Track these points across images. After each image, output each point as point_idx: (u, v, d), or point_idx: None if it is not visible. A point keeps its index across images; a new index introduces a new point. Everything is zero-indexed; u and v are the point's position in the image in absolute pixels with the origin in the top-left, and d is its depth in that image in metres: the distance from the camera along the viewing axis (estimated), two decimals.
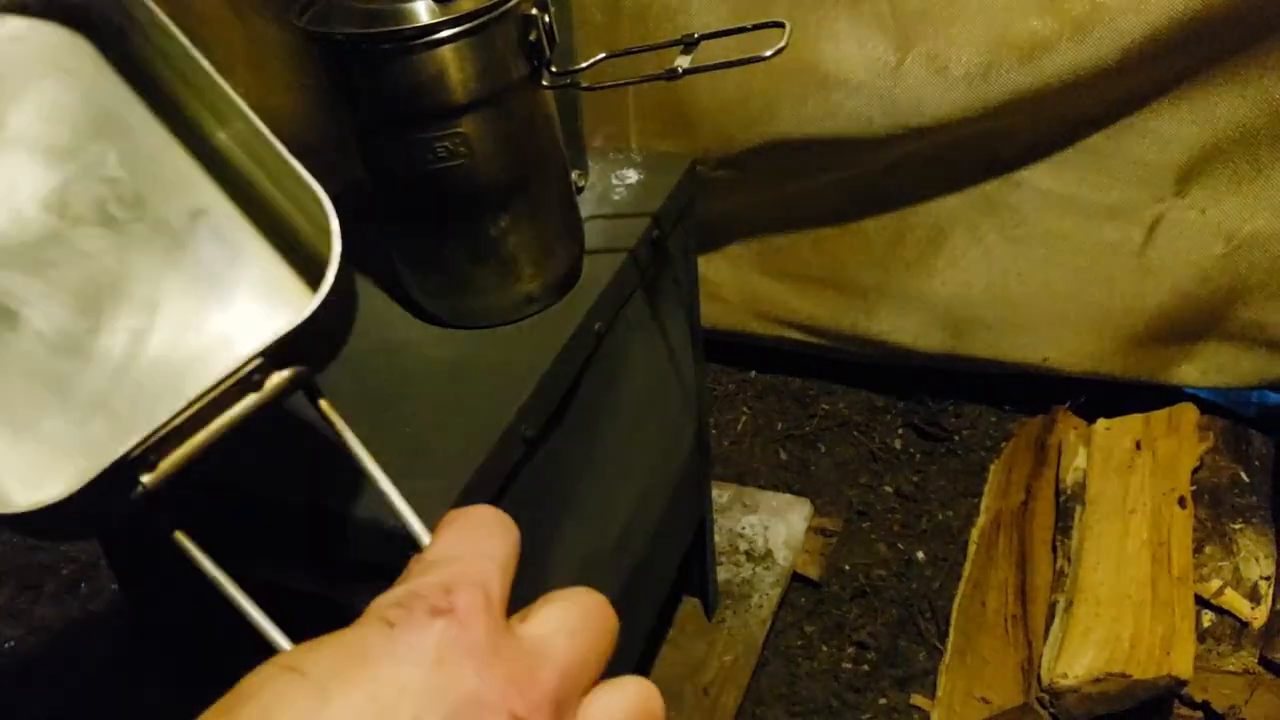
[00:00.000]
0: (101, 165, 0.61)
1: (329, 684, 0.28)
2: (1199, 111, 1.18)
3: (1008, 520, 1.30)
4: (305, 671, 0.29)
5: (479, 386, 0.83)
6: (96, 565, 1.41)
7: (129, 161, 0.62)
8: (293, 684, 0.28)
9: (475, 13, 0.76)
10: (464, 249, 0.88)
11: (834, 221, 1.39)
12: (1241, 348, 1.29)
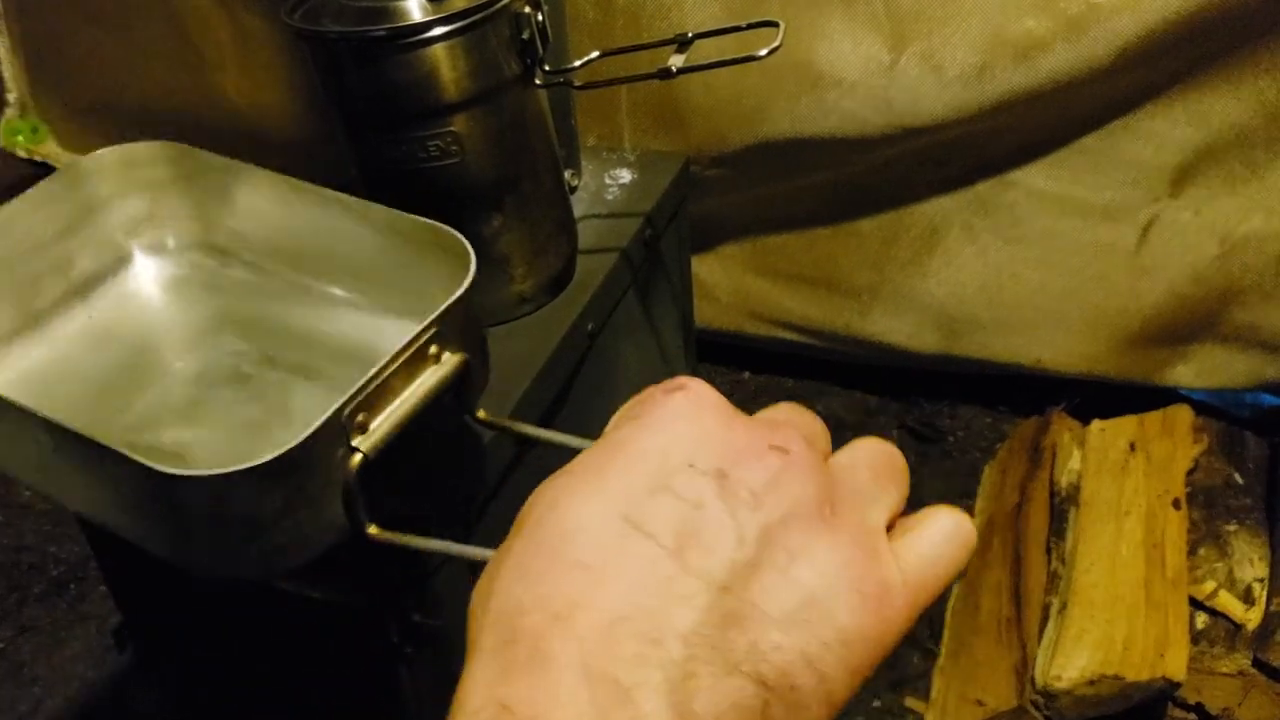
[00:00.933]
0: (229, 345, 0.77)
1: (604, 466, 0.31)
2: (1193, 113, 1.18)
3: (1002, 522, 1.30)
4: (574, 471, 0.31)
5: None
6: (85, 566, 1.40)
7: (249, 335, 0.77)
8: (568, 481, 0.31)
9: (467, 11, 0.76)
10: None
11: (828, 221, 1.38)
12: (1236, 349, 1.29)
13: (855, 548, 0.31)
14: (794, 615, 0.29)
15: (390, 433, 0.56)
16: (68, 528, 1.45)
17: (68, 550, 1.44)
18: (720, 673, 0.27)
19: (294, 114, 1.52)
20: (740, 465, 0.31)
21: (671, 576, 0.28)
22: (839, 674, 0.29)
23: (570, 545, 0.29)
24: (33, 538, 1.46)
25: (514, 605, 0.29)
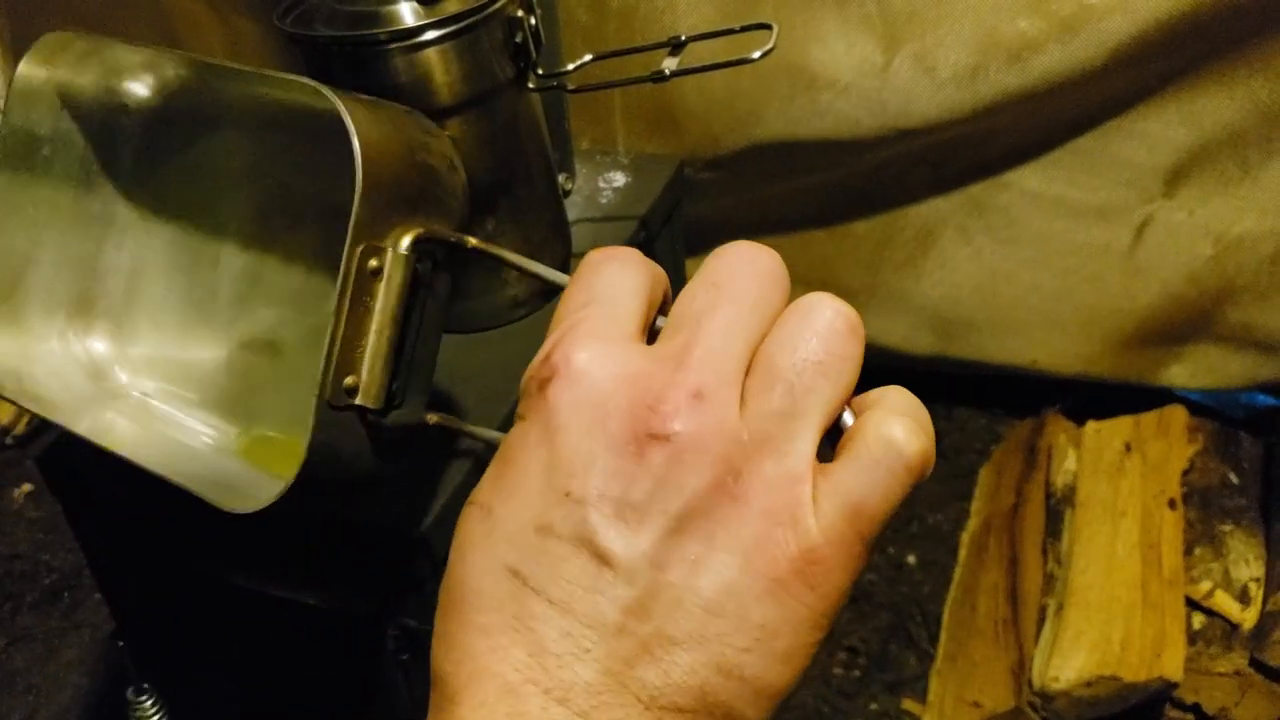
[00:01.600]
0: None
1: (492, 501, 0.30)
2: (1186, 113, 1.18)
3: (998, 524, 1.30)
4: (475, 500, 0.31)
5: (465, 392, 0.82)
6: (78, 574, 1.40)
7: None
8: (470, 515, 0.31)
9: (460, 15, 0.75)
10: None
11: (822, 223, 1.38)
12: (1230, 349, 1.29)
13: (763, 518, 0.28)
14: (701, 631, 0.27)
15: (385, 370, 0.53)
16: (60, 536, 1.44)
17: (61, 558, 1.43)
18: (634, 714, 0.27)
19: None
20: (619, 477, 0.28)
21: (566, 632, 0.28)
22: (767, 668, 0.28)
23: (470, 608, 0.29)
24: (25, 546, 1.45)
25: (439, 670, 0.30)
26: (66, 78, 0.73)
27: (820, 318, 0.30)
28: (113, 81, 0.73)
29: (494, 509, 0.30)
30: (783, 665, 0.28)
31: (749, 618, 0.28)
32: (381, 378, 0.53)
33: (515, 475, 0.30)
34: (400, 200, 0.53)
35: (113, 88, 0.73)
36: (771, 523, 0.28)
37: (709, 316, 0.30)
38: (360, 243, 0.51)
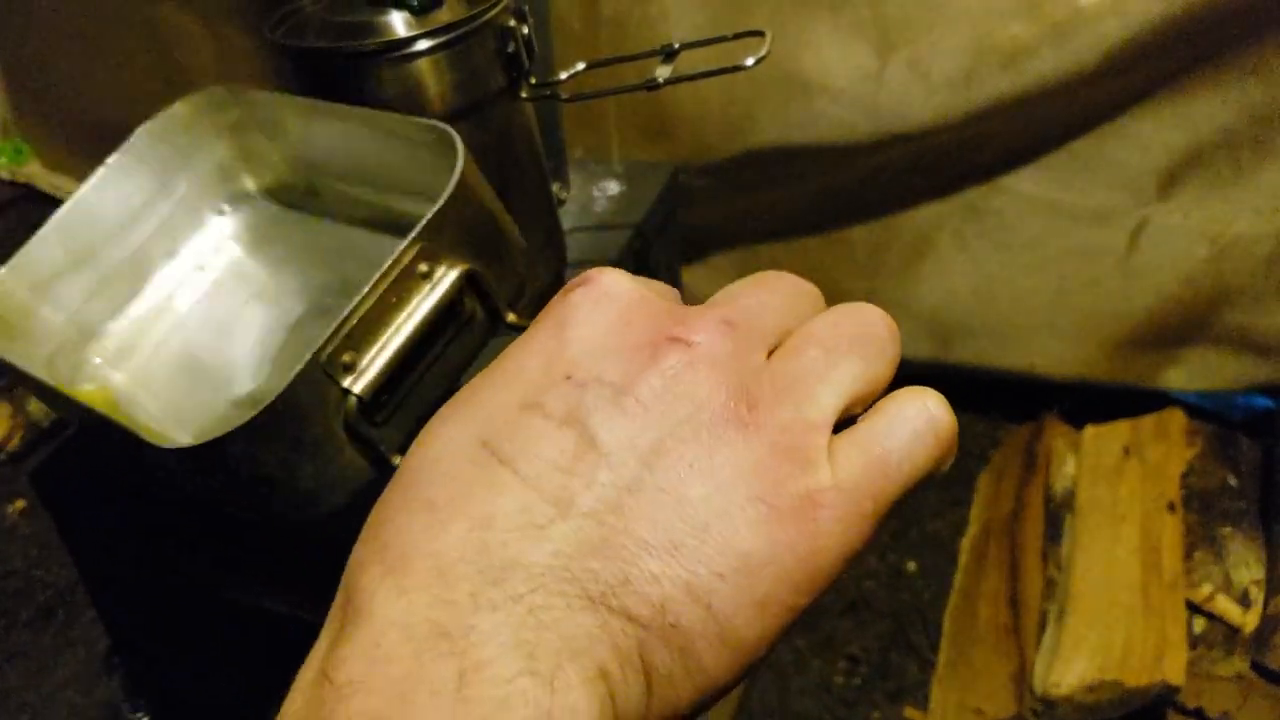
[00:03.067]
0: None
1: (477, 384, 0.28)
2: (1180, 116, 1.18)
3: (998, 529, 1.29)
4: (458, 394, 0.28)
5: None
6: (73, 591, 1.39)
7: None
8: (447, 405, 0.28)
9: (452, 25, 0.75)
10: None
11: (817, 230, 1.38)
12: (1227, 351, 1.29)
13: (771, 451, 0.26)
14: (678, 540, 0.24)
15: (386, 369, 0.52)
16: (55, 552, 1.43)
17: (55, 575, 1.42)
18: (578, 606, 0.24)
19: None
20: (630, 370, 0.26)
21: (526, 507, 0.25)
22: (738, 608, 0.24)
23: (422, 482, 0.26)
24: (19, 562, 1.44)
25: (357, 561, 0.26)
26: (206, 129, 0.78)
27: (863, 311, 0.29)
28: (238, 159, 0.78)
29: (478, 390, 0.28)
30: (754, 612, 0.25)
31: (732, 543, 0.25)
32: (379, 373, 0.52)
33: (510, 366, 0.28)
34: (471, 237, 0.55)
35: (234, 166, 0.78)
36: (779, 457, 0.26)
37: (744, 294, 0.30)
38: (423, 241, 0.52)
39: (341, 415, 0.52)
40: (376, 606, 0.24)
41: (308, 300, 0.75)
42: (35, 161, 1.87)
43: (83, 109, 1.72)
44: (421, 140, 0.63)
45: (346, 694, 0.23)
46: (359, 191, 0.74)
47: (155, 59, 1.55)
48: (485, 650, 0.23)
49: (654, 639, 0.24)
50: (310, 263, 0.76)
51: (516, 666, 0.23)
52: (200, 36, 1.49)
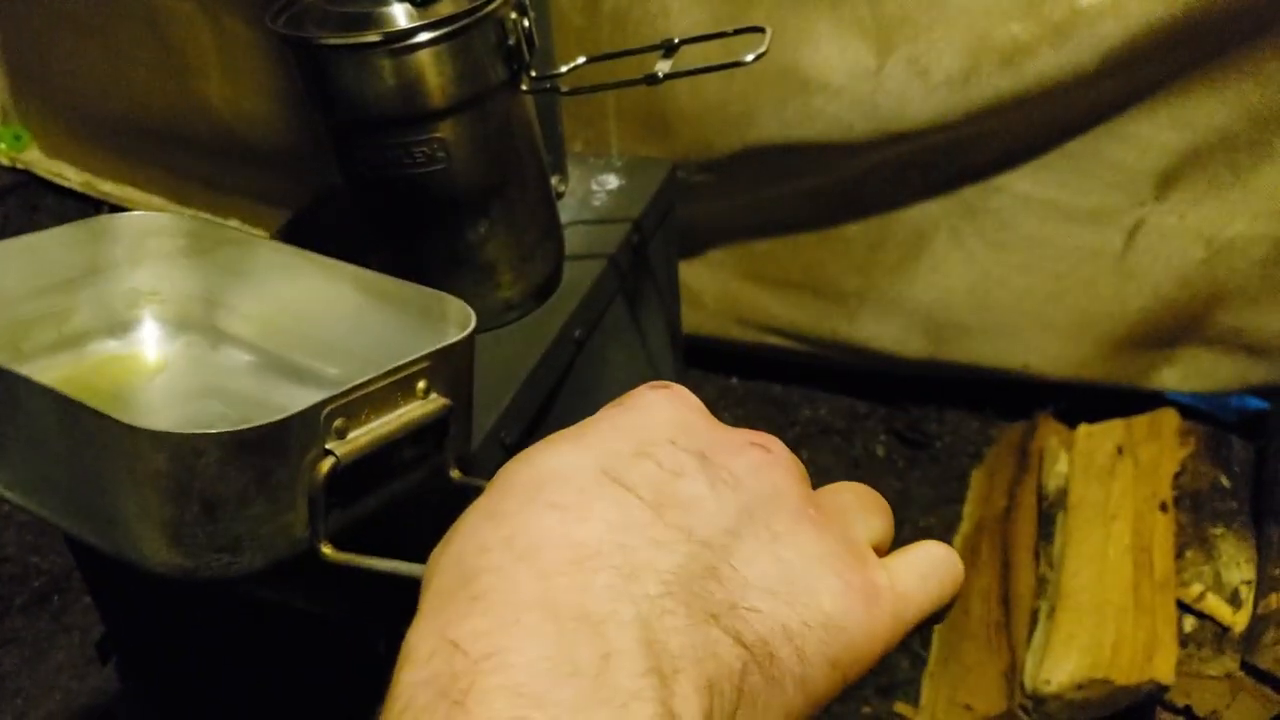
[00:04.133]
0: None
1: (579, 434, 0.29)
2: (1177, 117, 1.18)
3: (990, 527, 1.30)
4: (550, 437, 0.30)
5: None
6: (68, 577, 1.39)
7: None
8: (543, 443, 0.30)
9: (453, 17, 0.75)
10: (442, 255, 0.87)
11: (815, 227, 1.38)
12: (1221, 353, 1.29)
13: (841, 545, 0.29)
14: (775, 586, 0.27)
15: (366, 446, 0.55)
16: (50, 538, 1.44)
17: (50, 561, 1.42)
18: (698, 619, 0.25)
19: (278, 120, 1.52)
20: (722, 452, 0.29)
21: (648, 523, 0.27)
22: (818, 661, 0.27)
23: (544, 489, 0.27)
24: (14, 549, 1.45)
25: (475, 545, 0.27)
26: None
27: (869, 490, 0.34)
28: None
29: (584, 434, 0.29)
30: (826, 669, 0.27)
31: (818, 602, 0.28)
32: (359, 448, 0.55)
33: (605, 424, 0.30)
34: (456, 389, 0.62)
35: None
36: (850, 551, 0.30)
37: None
38: (429, 363, 0.59)
39: (309, 477, 0.54)
40: (513, 587, 0.25)
41: (172, 419, 0.76)
42: (34, 148, 1.87)
43: (82, 96, 1.72)
44: (424, 308, 0.69)
45: (486, 667, 0.24)
46: (275, 348, 0.77)
47: (155, 48, 1.55)
48: (621, 642, 0.24)
49: (754, 665, 0.26)
50: (206, 392, 0.78)
51: (646, 663, 0.24)
52: (200, 25, 1.49)
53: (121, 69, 1.61)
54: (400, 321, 0.70)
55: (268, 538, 0.55)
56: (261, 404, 0.76)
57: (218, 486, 0.52)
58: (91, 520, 0.58)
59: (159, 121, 1.64)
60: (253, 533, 0.55)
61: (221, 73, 1.52)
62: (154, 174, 1.76)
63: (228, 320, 0.80)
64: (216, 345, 0.80)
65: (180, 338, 0.80)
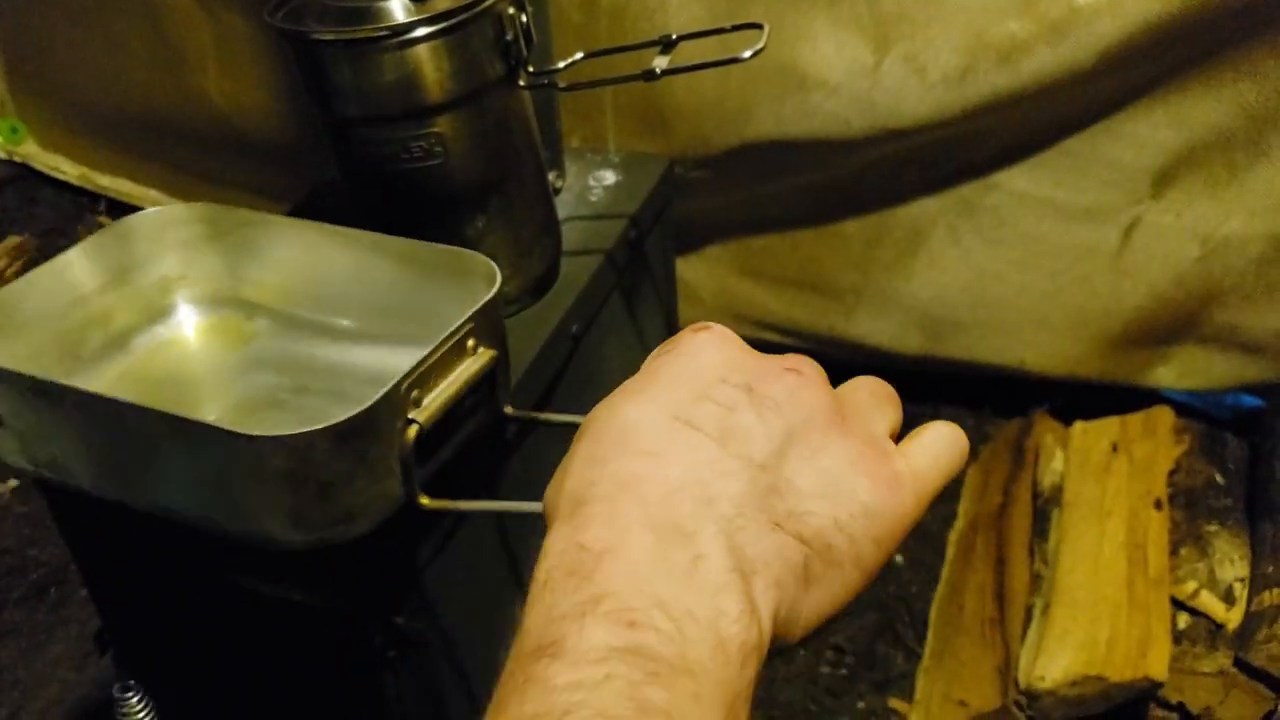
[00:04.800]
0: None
1: (641, 383, 0.37)
2: (1174, 115, 1.18)
3: (985, 523, 1.30)
4: (624, 389, 0.37)
5: None
6: (65, 570, 1.39)
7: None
8: (621, 395, 0.37)
9: (451, 12, 0.75)
10: None
11: (812, 223, 1.38)
12: (1217, 351, 1.30)
13: (865, 446, 0.37)
14: (822, 490, 0.35)
15: (440, 409, 0.64)
16: (47, 531, 1.44)
17: (48, 553, 1.43)
18: (765, 528, 0.33)
19: (276, 114, 1.51)
20: (763, 381, 0.36)
21: (718, 458, 0.34)
22: (865, 540, 0.35)
23: (632, 437, 0.35)
24: (12, 541, 1.45)
25: (585, 484, 0.34)
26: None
27: (880, 380, 0.40)
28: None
29: (647, 385, 0.37)
30: (873, 546, 0.35)
31: (857, 497, 0.35)
32: (434, 411, 0.64)
33: (666, 374, 0.37)
34: (496, 338, 0.71)
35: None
36: (872, 449, 0.37)
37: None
38: (473, 322, 0.67)
39: (399, 445, 0.63)
40: (622, 506, 0.33)
41: (234, 397, 0.82)
42: (31, 141, 1.87)
43: (79, 90, 1.72)
44: (444, 264, 0.76)
45: (605, 557, 0.32)
46: (303, 311, 0.84)
47: (153, 41, 1.55)
48: (707, 548, 0.32)
49: (815, 556, 0.34)
50: (254, 363, 0.84)
51: (728, 564, 0.32)
52: (198, 19, 1.49)
53: (119, 62, 1.61)
54: (424, 280, 0.77)
55: (373, 503, 0.64)
56: (305, 366, 0.83)
57: (328, 471, 0.60)
58: (213, 511, 0.66)
59: (156, 115, 1.64)
60: (360, 502, 0.63)
61: (219, 67, 1.52)
62: (151, 168, 1.76)
63: (253, 292, 0.86)
64: (250, 316, 0.86)
65: (213, 314, 0.87)
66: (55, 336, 0.78)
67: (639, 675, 0.29)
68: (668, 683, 0.29)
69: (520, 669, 0.30)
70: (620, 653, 0.29)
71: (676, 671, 0.29)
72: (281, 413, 0.80)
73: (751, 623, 0.31)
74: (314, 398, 0.81)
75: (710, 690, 0.30)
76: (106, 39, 1.59)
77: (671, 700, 0.29)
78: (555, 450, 0.39)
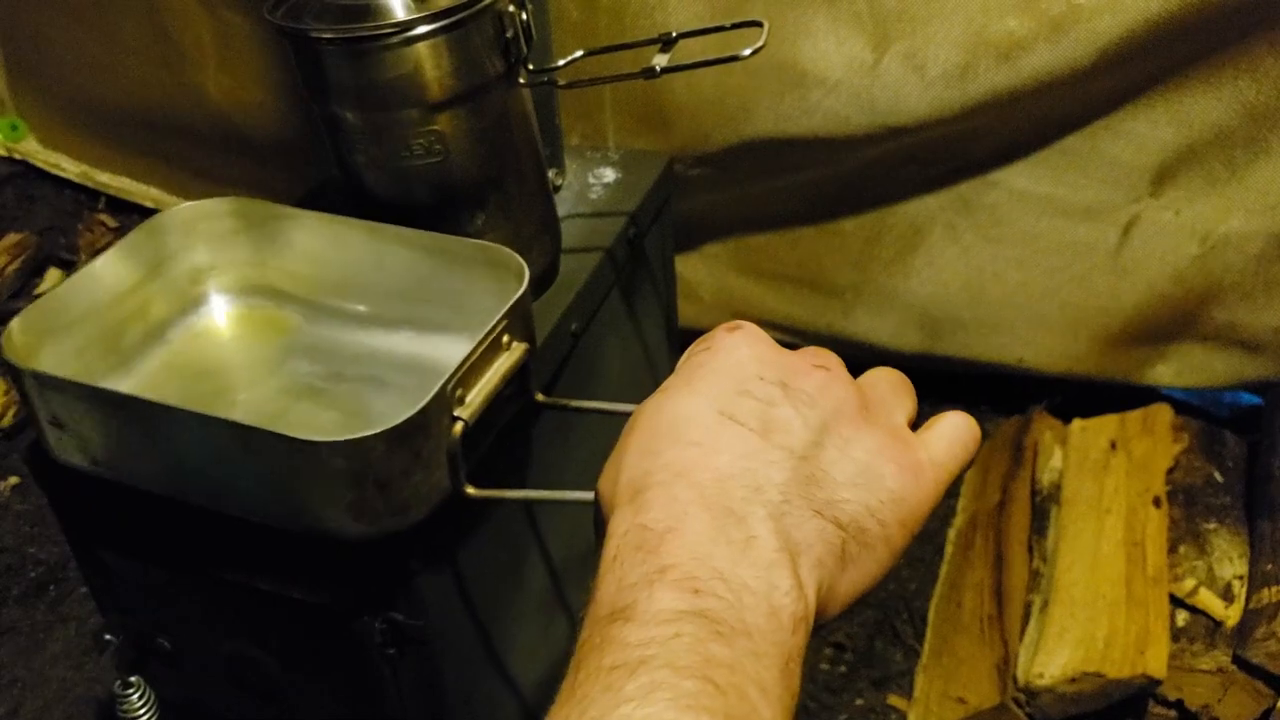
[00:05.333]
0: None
1: (686, 380, 0.41)
2: (1173, 113, 1.18)
3: (984, 521, 1.30)
4: (667, 388, 0.41)
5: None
6: (65, 568, 1.39)
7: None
8: (666, 394, 0.41)
9: (451, 9, 0.75)
10: None
11: (811, 221, 1.39)
12: (1215, 348, 1.30)
13: (889, 437, 0.40)
14: (854, 480, 0.38)
15: (482, 404, 0.68)
16: (46, 529, 1.44)
17: (47, 551, 1.43)
18: (808, 514, 0.37)
19: (275, 112, 1.51)
20: (796, 378, 0.40)
21: (762, 449, 0.38)
22: (894, 524, 0.38)
23: (681, 430, 0.38)
24: (11, 539, 1.45)
25: (641, 473, 0.38)
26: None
27: (896, 372, 0.45)
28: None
29: (692, 380, 0.40)
30: (900, 529, 0.39)
31: (885, 484, 0.39)
32: (477, 407, 0.68)
33: (707, 370, 0.40)
34: (526, 331, 0.75)
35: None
36: (896, 440, 0.40)
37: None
38: (507, 319, 0.71)
39: (447, 440, 0.67)
40: (678, 492, 0.36)
41: (274, 385, 0.85)
42: (31, 138, 1.86)
43: (79, 87, 1.72)
44: (470, 258, 0.79)
45: (669, 538, 0.35)
46: (332, 300, 0.87)
47: (152, 38, 1.55)
48: (758, 530, 0.35)
49: (851, 539, 0.37)
50: (289, 352, 0.87)
51: (777, 544, 0.35)
52: (198, 17, 1.49)
53: (119, 59, 1.61)
54: (451, 272, 0.81)
55: (426, 495, 0.68)
56: (339, 353, 0.86)
57: (386, 470, 0.65)
58: (276, 509, 0.70)
59: (156, 112, 1.64)
60: (415, 495, 0.67)
61: (219, 64, 1.52)
62: (151, 165, 1.76)
63: (283, 281, 0.89)
64: (281, 305, 0.89)
65: (244, 303, 0.90)
66: (99, 333, 0.82)
67: (704, 633, 0.32)
68: (729, 641, 0.32)
69: (596, 632, 0.33)
70: (687, 615, 0.33)
71: (736, 633, 0.33)
72: (321, 400, 0.83)
73: (799, 597, 0.35)
74: (351, 385, 0.84)
75: (767, 650, 0.33)
76: (106, 36, 1.59)
77: (733, 656, 0.32)
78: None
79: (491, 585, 0.88)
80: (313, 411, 0.82)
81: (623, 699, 0.30)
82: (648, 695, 0.30)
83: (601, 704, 0.31)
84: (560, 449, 0.92)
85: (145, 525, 0.82)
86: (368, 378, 0.84)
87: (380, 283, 0.84)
